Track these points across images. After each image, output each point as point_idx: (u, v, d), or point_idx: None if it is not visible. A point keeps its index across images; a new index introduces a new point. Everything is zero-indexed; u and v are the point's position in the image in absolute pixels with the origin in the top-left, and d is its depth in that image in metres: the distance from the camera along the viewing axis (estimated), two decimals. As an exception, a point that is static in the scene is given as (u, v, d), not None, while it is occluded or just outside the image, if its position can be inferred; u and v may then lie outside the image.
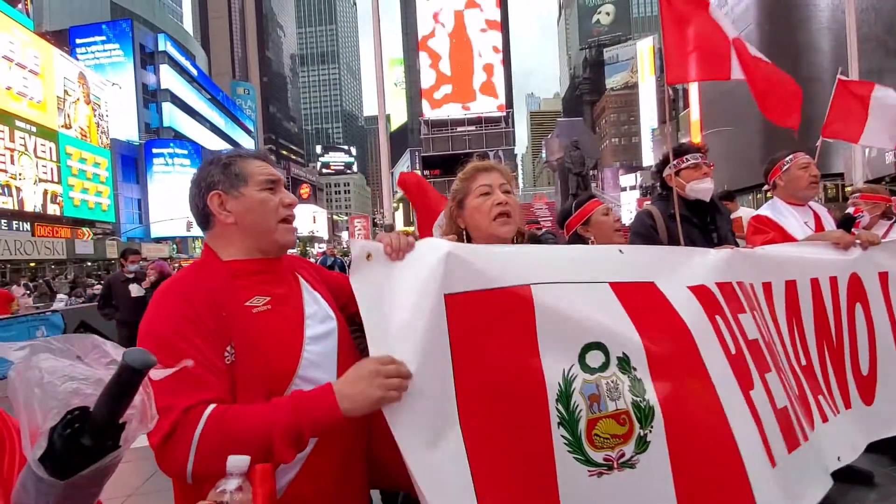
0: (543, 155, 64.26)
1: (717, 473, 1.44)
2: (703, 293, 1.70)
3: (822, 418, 1.96)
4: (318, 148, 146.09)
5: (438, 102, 50.04)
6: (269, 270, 1.30)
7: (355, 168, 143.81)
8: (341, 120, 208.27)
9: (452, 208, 1.76)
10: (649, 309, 1.55)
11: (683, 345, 1.54)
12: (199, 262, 1.29)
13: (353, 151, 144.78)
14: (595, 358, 1.39)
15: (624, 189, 59.62)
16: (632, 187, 58.32)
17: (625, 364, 1.41)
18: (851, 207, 4.27)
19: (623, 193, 57.51)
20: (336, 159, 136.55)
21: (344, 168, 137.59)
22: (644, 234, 2.70)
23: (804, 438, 1.75)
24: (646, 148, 71.75)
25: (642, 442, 1.36)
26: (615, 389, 1.37)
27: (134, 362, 0.72)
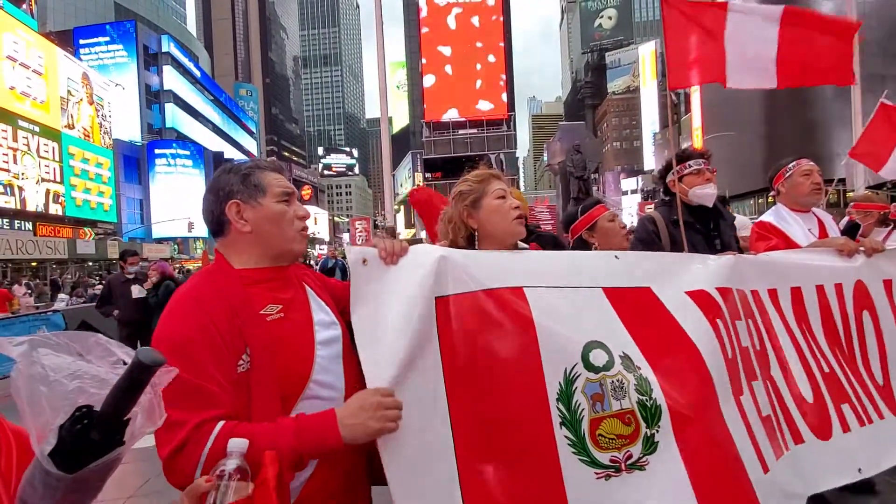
0: (545, 158, 64.32)
1: (727, 475, 1.43)
2: (703, 298, 1.70)
3: (843, 428, 1.91)
4: (320, 150, 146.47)
5: (440, 105, 50.11)
6: (278, 278, 1.33)
7: (357, 170, 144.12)
8: (343, 122, 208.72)
9: (463, 208, 1.74)
10: (643, 314, 1.55)
11: (682, 348, 1.53)
12: (213, 269, 1.31)
13: (355, 153, 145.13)
14: (598, 357, 1.38)
15: (625, 193, 59.64)
16: (633, 191, 58.34)
17: (629, 362, 1.40)
18: (846, 217, 4.26)
19: (624, 197, 57.54)
20: (338, 161, 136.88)
21: (345, 170, 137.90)
22: (646, 240, 2.70)
23: (786, 448, 1.74)
24: (647, 152, 71.82)
25: (650, 442, 1.34)
26: (620, 388, 1.36)
27: (146, 359, 0.76)
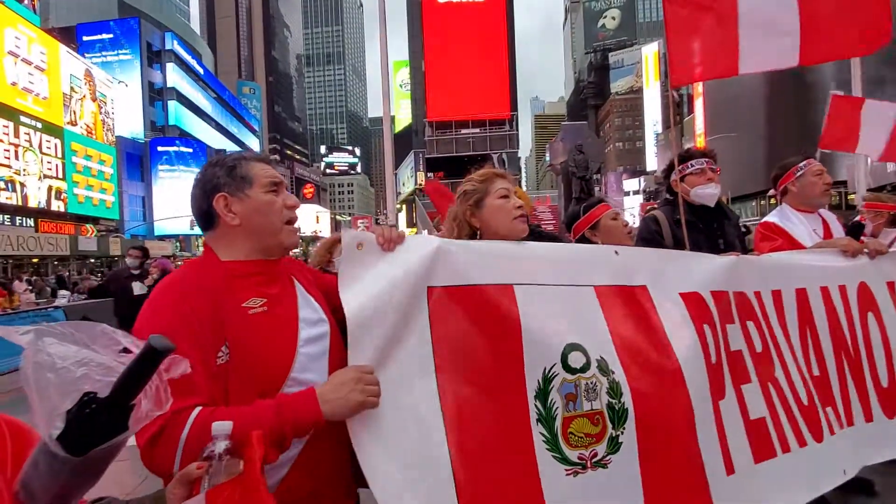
0: (547, 158, 64.26)
1: (681, 477, 1.48)
2: (695, 301, 1.72)
3: (830, 431, 1.92)
4: (323, 148, 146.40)
5: (443, 104, 50.12)
6: (267, 272, 1.31)
7: (359, 169, 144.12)
8: (346, 120, 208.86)
9: (467, 208, 1.77)
10: (630, 315, 1.58)
11: (659, 351, 1.56)
12: (199, 262, 1.30)
13: (357, 152, 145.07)
14: (576, 359, 1.42)
15: (627, 193, 59.70)
16: (635, 192, 58.40)
17: (604, 365, 1.44)
18: (858, 216, 4.26)
19: (626, 198, 57.58)
20: (340, 160, 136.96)
21: (348, 168, 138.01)
22: (649, 240, 2.69)
23: (784, 450, 1.75)
24: (650, 152, 71.82)
25: (614, 443, 1.40)
26: (593, 390, 1.40)
27: (158, 345, 0.80)
